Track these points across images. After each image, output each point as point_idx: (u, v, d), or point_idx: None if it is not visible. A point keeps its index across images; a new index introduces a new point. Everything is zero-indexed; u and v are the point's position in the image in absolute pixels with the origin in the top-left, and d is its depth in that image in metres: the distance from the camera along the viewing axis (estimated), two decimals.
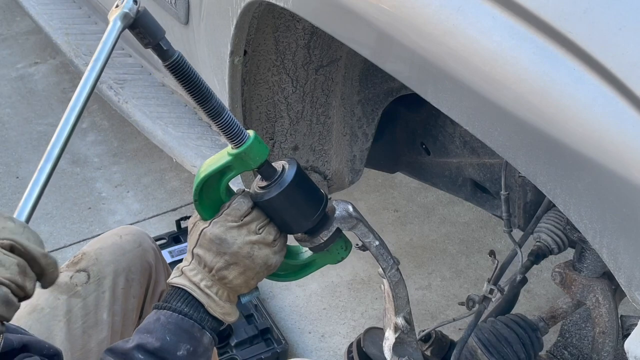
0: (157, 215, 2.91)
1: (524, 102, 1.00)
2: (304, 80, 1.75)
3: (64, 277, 1.49)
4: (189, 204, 2.93)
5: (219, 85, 1.75)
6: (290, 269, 1.31)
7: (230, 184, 1.22)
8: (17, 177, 3.11)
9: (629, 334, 1.02)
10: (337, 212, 1.25)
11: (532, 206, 1.70)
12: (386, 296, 1.42)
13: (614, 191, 0.93)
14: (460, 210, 2.84)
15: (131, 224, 2.58)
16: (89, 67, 1.05)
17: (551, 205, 1.61)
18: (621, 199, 0.93)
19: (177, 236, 2.66)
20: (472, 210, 2.81)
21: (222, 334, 2.29)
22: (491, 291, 1.56)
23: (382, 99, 1.89)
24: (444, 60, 1.08)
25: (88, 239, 2.67)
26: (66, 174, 3.12)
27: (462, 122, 1.11)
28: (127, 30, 1.06)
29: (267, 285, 2.52)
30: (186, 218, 2.68)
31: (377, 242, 1.30)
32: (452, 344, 1.67)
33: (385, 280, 1.37)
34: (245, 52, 1.64)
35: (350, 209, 1.26)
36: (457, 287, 2.52)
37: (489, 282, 1.57)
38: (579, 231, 1.03)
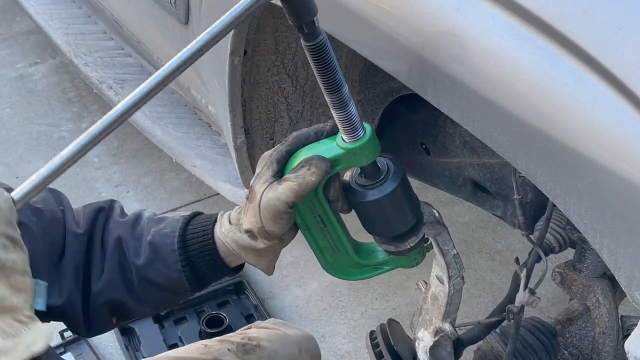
0: None
1: (524, 102, 1.00)
2: (304, 80, 1.75)
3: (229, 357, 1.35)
4: (189, 204, 2.93)
5: (219, 85, 1.75)
6: (359, 267, 1.24)
7: None
8: (17, 177, 3.11)
9: (629, 334, 1.02)
10: (425, 217, 1.18)
11: (532, 206, 1.70)
12: (428, 298, 1.41)
13: (614, 191, 0.93)
14: (460, 210, 2.84)
15: None
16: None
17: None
18: (621, 199, 0.93)
19: None
20: (472, 210, 2.80)
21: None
22: (532, 299, 1.53)
23: (382, 99, 1.88)
24: (444, 60, 1.08)
25: None
26: (66, 173, 3.11)
27: (462, 122, 1.11)
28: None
29: (267, 285, 2.52)
30: None
31: (455, 251, 1.28)
32: (459, 341, 1.67)
33: (434, 282, 1.34)
34: (245, 52, 1.63)
35: (437, 214, 1.21)
36: None
37: (529, 291, 1.52)
38: (579, 231, 1.03)
